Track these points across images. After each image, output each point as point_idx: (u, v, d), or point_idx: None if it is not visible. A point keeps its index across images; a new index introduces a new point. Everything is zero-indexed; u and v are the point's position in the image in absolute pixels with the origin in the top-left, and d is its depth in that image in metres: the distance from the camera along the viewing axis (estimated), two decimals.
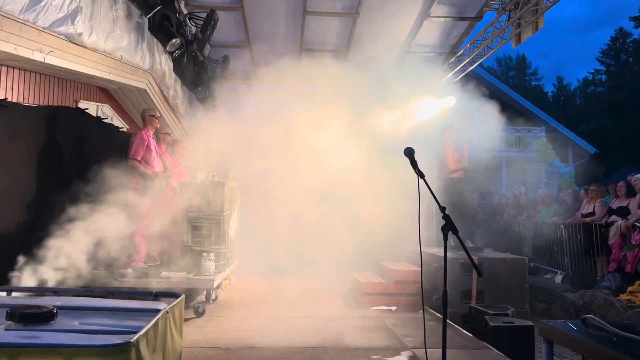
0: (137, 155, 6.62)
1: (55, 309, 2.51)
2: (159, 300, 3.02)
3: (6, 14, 3.99)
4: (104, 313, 2.76)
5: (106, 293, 3.20)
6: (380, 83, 9.44)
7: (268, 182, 8.69)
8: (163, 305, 2.82)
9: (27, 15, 4.21)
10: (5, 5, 3.89)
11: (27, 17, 4.23)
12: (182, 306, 3.03)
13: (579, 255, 9.27)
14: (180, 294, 3.05)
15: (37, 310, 2.45)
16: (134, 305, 2.90)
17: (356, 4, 9.19)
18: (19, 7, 4.06)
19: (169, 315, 2.68)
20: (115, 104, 8.56)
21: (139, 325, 2.39)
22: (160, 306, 2.78)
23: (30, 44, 4.51)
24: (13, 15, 4.07)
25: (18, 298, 3.14)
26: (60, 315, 2.52)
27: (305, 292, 8.15)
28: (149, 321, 2.42)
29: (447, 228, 3.15)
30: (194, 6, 9.00)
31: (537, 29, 8.06)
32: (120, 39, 6.06)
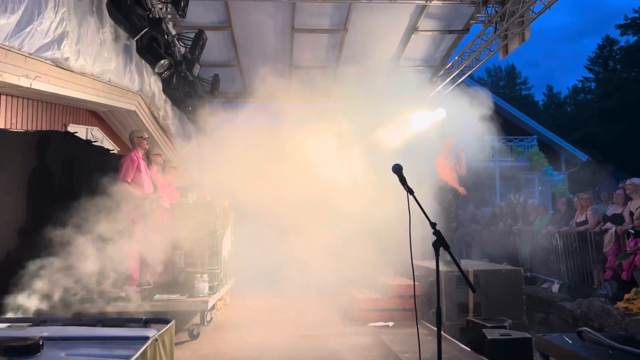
0: (127, 177, 6.59)
1: (42, 340, 2.46)
2: (148, 327, 2.97)
3: None
4: (93, 342, 2.71)
5: (95, 322, 3.15)
6: (370, 97, 9.46)
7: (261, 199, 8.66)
8: (153, 332, 2.77)
9: (12, 41, 4.19)
10: None
11: (12, 44, 4.21)
12: (173, 332, 2.98)
13: (574, 264, 9.25)
14: (170, 320, 3.01)
15: (22, 343, 2.40)
16: (123, 333, 2.85)
17: (344, 20, 9.25)
18: (3, 34, 4.04)
19: (158, 342, 2.63)
20: (105, 126, 8.53)
21: (128, 354, 2.35)
22: (150, 333, 2.73)
23: (16, 70, 4.48)
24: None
25: (4, 329, 3.08)
26: (47, 346, 2.47)
27: (301, 309, 8.09)
28: (138, 349, 2.38)
29: (438, 243, 3.13)
30: (182, 27, 9.03)
31: (524, 40, 8.12)
32: (108, 61, 6.04)
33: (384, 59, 10.61)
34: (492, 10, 8.41)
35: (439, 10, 9.08)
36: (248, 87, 11.86)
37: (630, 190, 8.20)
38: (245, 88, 11.99)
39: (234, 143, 8.42)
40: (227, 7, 8.72)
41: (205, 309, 6.42)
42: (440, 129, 9.96)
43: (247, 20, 9.14)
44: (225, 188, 8.73)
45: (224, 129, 9.22)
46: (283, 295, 8.89)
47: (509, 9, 7.93)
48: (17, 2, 4.14)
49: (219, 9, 8.88)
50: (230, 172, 8.18)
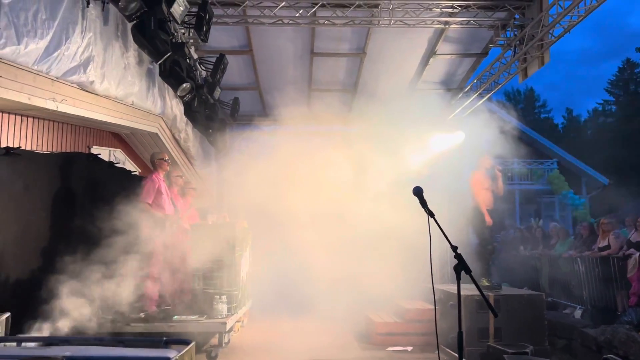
0: (148, 198, 6.67)
1: (64, 359, 2.49)
2: (169, 348, 2.98)
3: (20, 65, 4.09)
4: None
5: (116, 342, 3.17)
6: (389, 121, 9.50)
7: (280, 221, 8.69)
8: (173, 353, 2.78)
9: (40, 66, 4.32)
10: (20, 58, 4.00)
11: (40, 68, 4.34)
12: (193, 353, 2.99)
13: (597, 290, 9.07)
14: (190, 341, 3.02)
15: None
16: (144, 353, 2.86)
17: (363, 44, 9.35)
18: (32, 58, 4.17)
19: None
20: (127, 148, 8.67)
21: None
22: (170, 354, 2.75)
23: (44, 93, 4.61)
24: (27, 67, 4.18)
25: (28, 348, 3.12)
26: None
27: (319, 332, 8.03)
28: None
29: (459, 267, 3.11)
30: (204, 51, 9.21)
31: (543, 64, 8.11)
32: (131, 85, 6.18)
33: (403, 82, 10.69)
34: (511, 33, 8.44)
35: (458, 34, 9.14)
36: (267, 109, 12.00)
37: None
38: (265, 111, 12.14)
39: (253, 165, 8.49)
40: (248, 32, 8.89)
41: (223, 330, 6.41)
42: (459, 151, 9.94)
43: (267, 44, 9.30)
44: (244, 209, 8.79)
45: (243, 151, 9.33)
46: (300, 317, 8.85)
47: (528, 33, 7.95)
48: (46, 27, 4.27)
49: (239, 34, 9.05)
50: (249, 193, 8.24)
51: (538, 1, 7.96)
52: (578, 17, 7.01)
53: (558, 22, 7.34)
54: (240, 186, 8.33)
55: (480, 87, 10.18)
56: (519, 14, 8.23)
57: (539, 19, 7.73)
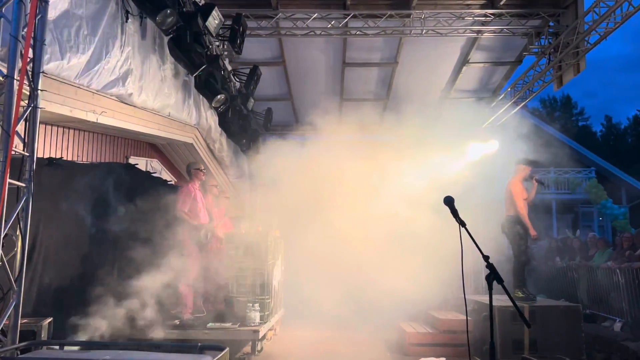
0: (184, 207, 6.81)
1: None
2: (204, 354, 3.05)
3: (63, 79, 4.27)
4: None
5: (153, 347, 3.26)
6: (422, 129, 9.47)
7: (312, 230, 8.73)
8: (208, 358, 2.85)
9: (82, 79, 4.49)
10: (63, 72, 4.17)
11: (81, 82, 4.52)
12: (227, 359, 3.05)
13: (638, 302, 8.82)
14: (224, 347, 3.08)
15: None
16: (180, 358, 2.94)
17: (394, 54, 9.38)
18: (74, 72, 4.34)
19: None
20: (163, 158, 8.88)
21: None
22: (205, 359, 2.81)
23: (84, 105, 4.79)
24: (69, 80, 4.35)
25: (70, 352, 3.24)
26: None
27: (351, 342, 8.02)
28: None
29: (491, 277, 3.10)
30: (238, 63, 9.38)
31: (579, 71, 8.00)
32: (168, 97, 6.35)
33: (436, 91, 10.66)
34: (546, 41, 8.36)
35: (491, 42, 9.09)
36: (300, 120, 12.13)
37: None
38: (297, 121, 12.26)
39: (285, 175, 8.57)
40: (281, 43, 9.02)
41: (256, 338, 6.47)
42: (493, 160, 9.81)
43: (299, 55, 9.42)
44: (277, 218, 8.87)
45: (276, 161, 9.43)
46: (332, 327, 8.84)
47: (563, 40, 7.86)
48: (87, 43, 4.45)
49: (273, 46, 9.20)
50: (281, 203, 8.32)
51: (573, 8, 7.86)
52: (614, 23, 6.90)
53: (594, 29, 7.24)
54: (272, 195, 8.42)
55: (515, 96, 10.07)
56: (554, 21, 8.15)
57: (574, 26, 7.63)
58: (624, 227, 18.42)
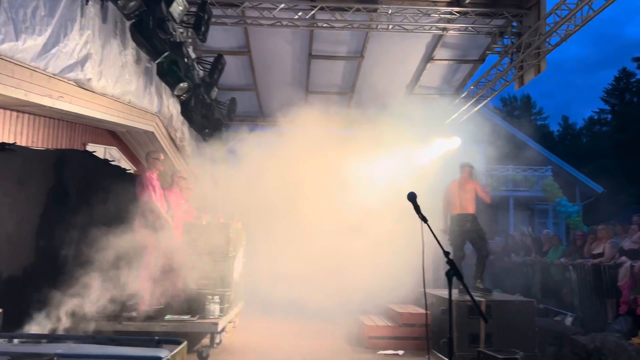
0: (152, 196, 6.67)
1: (56, 357, 2.49)
2: (161, 347, 2.99)
3: (18, 61, 4.09)
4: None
5: (109, 340, 3.18)
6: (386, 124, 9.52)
7: (274, 223, 8.68)
8: (165, 352, 2.79)
9: (38, 62, 4.32)
10: (17, 54, 4.00)
11: (38, 64, 4.34)
12: (185, 353, 3.00)
13: (588, 297, 9.12)
14: (182, 341, 3.02)
15: (36, 359, 2.43)
16: (136, 352, 2.87)
17: (361, 48, 9.39)
18: (30, 54, 4.17)
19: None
20: (123, 146, 8.66)
21: None
22: (162, 353, 2.75)
23: (41, 89, 4.61)
24: (24, 63, 4.18)
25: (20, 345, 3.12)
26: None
27: (310, 335, 8.04)
28: None
29: (451, 273, 3.13)
30: (202, 51, 9.21)
31: (540, 72, 8.17)
32: (128, 83, 6.18)
33: (400, 87, 10.73)
34: (509, 41, 8.50)
35: (455, 40, 9.19)
36: (264, 110, 12.03)
37: None
38: (262, 112, 12.16)
39: (248, 166, 8.50)
40: (247, 32, 8.91)
41: (215, 330, 6.40)
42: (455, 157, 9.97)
43: (265, 45, 9.32)
44: (239, 210, 8.79)
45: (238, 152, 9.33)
46: (292, 319, 8.85)
47: (525, 41, 8.00)
48: (44, 24, 4.28)
49: (238, 35, 9.07)
50: (243, 194, 8.24)
51: (536, 10, 8.01)
52: (575, 26, 7.06)
53: (555, 31, 7.40)
54: (235, 187, 8.32)
55: (477, 94, 10.22)
56: (517, 21, 8.29)
57: (536, 27, 7.78)
58: (577, 225, 19.00)
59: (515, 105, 50.04)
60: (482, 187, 8.34)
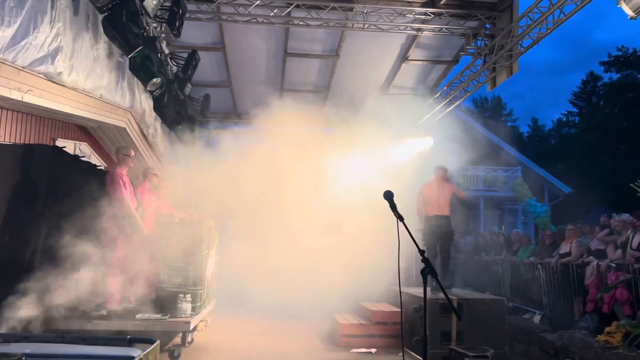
0: (122, 193, 6.56)
1: (24, 356, 2.42)
2: (133, 346, 2.94)
3: None
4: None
5: (78, 339, 3.11)
6: (360, 123, 9.56)
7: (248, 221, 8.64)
8: (137, 351, 2.74)
9: (6, 54, 4.19)
10: None
11: (6, 57, 4.22)
12: (157, 352, 2.95)
13: (556, 296, 9.31)
14: (155, 340, 2.98)
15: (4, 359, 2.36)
16: (107, 352, 2.81)
17: (336, 47, 9.38)
18: None
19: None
20: (93, 142, 8.50)
21: None
22: (134, 353, 2.70)
23: (9, 82, 4.48)
24: None
25: None
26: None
27: (283, 333, 8.01)
28: None
29: (426, 271, 3.15)
30: (176, 46, 9.10)
31: (512, 73, 8.29)
32: (100, 78, 6.06)
33: (375, 86, 10.77)
34: (482, 43, 8.60)
35: (430, 41, 9.26)
36: (238, 108, 11.95)
37: (620, 227, 8.29)
38: (236, 109, 12.07)
39: (222, 163, 8.43)
40: (222, 28, 8.82)
41: (187, 329, 6.33)
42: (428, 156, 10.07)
43: (240, 42, 9.24)
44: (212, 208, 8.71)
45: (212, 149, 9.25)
46: (265, 318, 8.81)
47: (498, 43, 8.11)
48: (13, 15, 4.16)
49: (213, 31, 8.98)
50: (217, 192, 8.17)
51: (509, 12, 8.13)
52: (547, 29, 7.18)
53: (527, 34, 7.51)
54: (208, 184, 8.24)
55: (450, 94, 10.32)
56: (490, 23, 8.39)
57: (509, 29, 7.89)
58: (546, 225, 19.40)
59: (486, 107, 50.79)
60: (457, 188, 8.61)
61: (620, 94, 35.85)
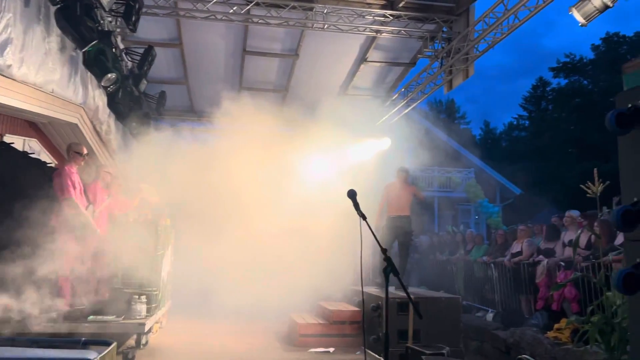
0: (70, 193, 6.35)
1: None
2: (88, 349, 2.84)
3: None
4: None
5: (30, 342, 2.99)
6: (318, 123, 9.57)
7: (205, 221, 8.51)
8: (93, 354, 2.65)
9: None
10: None
11: None
12: (114, 354, 2.87)
13: (508, 294, 9.56)
14: (111, 342, 2.89)
15: None
16: (61, 355, 2.71)
17: (295, 46, 9.37)
18: None
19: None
20: (43, 138, 8.20)
21: None
22: (91, 355, 2.62)
23: None
24: None
25: None
26: None
27: (241, 334, 7.94)
28: None
29: (388, 270, 3.17)
30: (131, 41, 8.89)
31: (468, 76, 8.47)
32: (52, 72, 5.84)
33: (334, 86, 10.80)
34: (439, 46, 8.75)
35: (388, 43, 9.36)
36: (195, 105, 11.76)
37: (568, 222, 8.58)
38: (193, 106, 11.88)
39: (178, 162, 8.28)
40: (179, 24, 8.67)
41: (141, 331, 6.19)
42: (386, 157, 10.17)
43: (198, 39, 9.11)
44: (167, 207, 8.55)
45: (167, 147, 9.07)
46: (222, 319, 8.71)
47: (455, 46, 8.27)
48: None
49: (170, 26, 8.82)
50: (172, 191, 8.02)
51: (465, 16, 8.30)
52: (501, 34, 7.37)
53: (483, 38, 7.69)
54: (163, 183, 8.08)
55: (407, 96, 10.46)
56: (447, 27, 8.55)
57: (465, 33, 8.06)
58: (497, 225, 19.93)
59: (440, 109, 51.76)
60: (417, 190, 8.84)
61: (568, 99, 37.17)
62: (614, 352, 5.07)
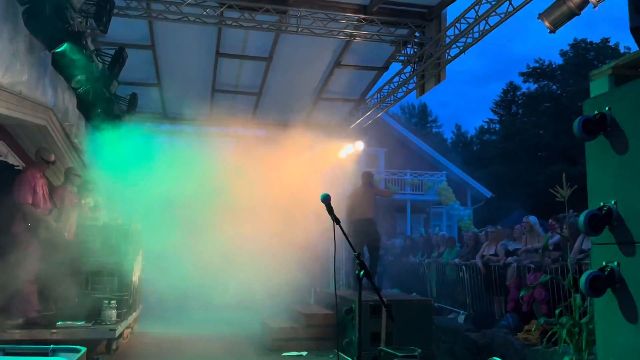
0: (26, 198, 6.21)
1: None
2: (57, 356, 2.79)
3: None
4: None
5: None
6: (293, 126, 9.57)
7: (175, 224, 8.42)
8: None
9: None
10: None
11: None
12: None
13: (479, 296, 9.70)
14: (81, 348, 2.84)
15: None
16: None
17: (269, 49, 9.34)
18: None
19: None
20: (11, 140, 8.01)
21: None
22: None
23: None
24: None
25: None
26: None
27: (214, 339, 7.88)
28: None
29: (361, 274, 3.19)
30: (102, 42, 8.74)
31: (440, 81, 8.57)
32: (20, 73, 5.72)
33: (307, 90, 10.80)
34: (412, 51, 8.83)
35: (362, 47, 9.40)
36: (167, 108, 11.63)
37: (527, 229, 8.77)
38: (165, 109, 11.74)
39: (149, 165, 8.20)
40: (151, 26, 8.58)
41: (112, 337, 6.11)
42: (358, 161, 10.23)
43: (170, 41, 9.01)
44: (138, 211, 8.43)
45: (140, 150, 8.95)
46: (194, 324, 8.63)
47: (427, 51, 8.36)
48: None
49: (141, 28, 8.71)
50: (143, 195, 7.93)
51: (437, 22, 8.39)
52: (473, 39, 7.48)
53: (455, 43, 7.79)
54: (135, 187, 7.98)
55: (380, 100, 10.53)
56: (419, 32, 8.63)
57: (438, 38, 8.16)
58: (468, 227, 20.20)
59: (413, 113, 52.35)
60: (381, 189, 8.89)
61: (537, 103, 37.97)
62: (582, 352, 5.19)
